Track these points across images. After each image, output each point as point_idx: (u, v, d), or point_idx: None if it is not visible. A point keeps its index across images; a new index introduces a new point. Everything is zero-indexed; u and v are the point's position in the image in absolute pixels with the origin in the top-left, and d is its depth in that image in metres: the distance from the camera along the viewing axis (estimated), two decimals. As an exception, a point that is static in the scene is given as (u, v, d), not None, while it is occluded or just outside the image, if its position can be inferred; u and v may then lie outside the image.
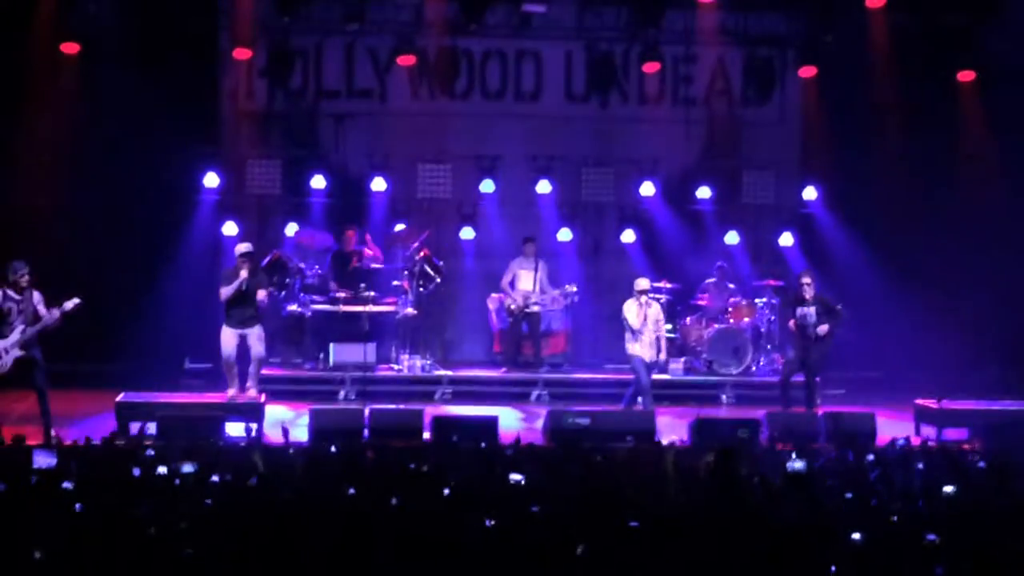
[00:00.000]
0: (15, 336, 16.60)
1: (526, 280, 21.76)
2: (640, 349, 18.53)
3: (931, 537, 10.08)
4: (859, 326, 21.56)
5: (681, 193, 23.10)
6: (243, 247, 18.69)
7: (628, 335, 18.63)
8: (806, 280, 19.02)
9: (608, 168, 22.74)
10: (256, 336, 18.57)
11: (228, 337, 18.48)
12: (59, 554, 9.64)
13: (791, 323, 19.11)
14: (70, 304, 16.58)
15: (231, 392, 18.55)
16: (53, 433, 16.32)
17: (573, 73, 23.28)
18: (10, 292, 16.64)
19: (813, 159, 23.24)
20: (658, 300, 19.57)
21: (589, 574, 9.79)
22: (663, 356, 18.93)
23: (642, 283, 18.73)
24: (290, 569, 9.79)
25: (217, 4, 22.00)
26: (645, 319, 18.50)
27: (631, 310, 18.55)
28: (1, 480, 11.59)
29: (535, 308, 21.65)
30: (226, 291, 18.41)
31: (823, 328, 18.67)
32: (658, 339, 18.72)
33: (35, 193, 21.09)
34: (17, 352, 16.61)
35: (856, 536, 10.16)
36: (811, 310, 18.83)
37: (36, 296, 16.69)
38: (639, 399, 18.81)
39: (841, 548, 10.01)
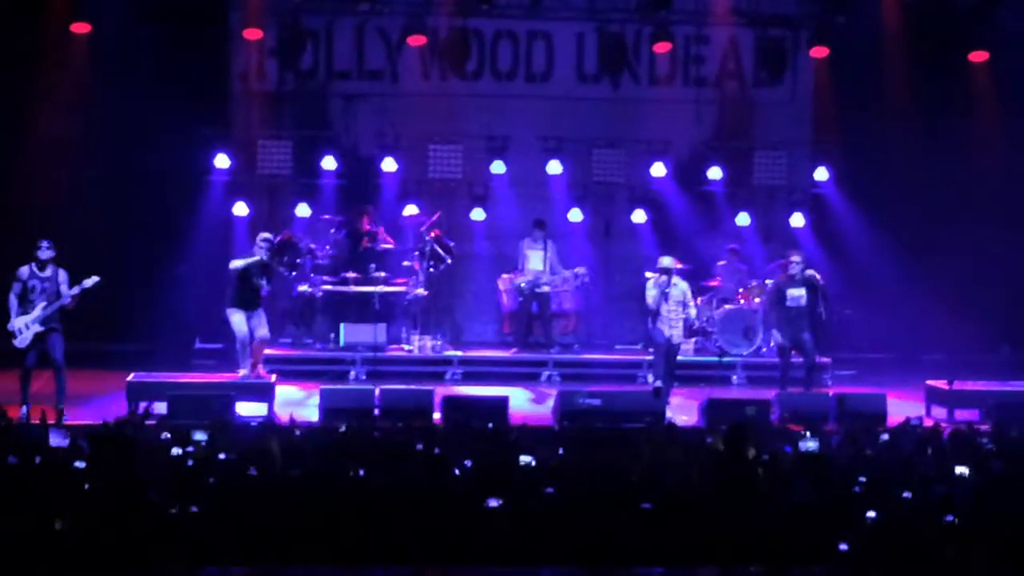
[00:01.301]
0: (37, 312, 16.87)
1: (536, 260, 21.76)
2: (661, 326, 18.33)
3: (949, 518, 10.07)
4: (870, 307, 21.59)
5: (692, 174, 23.07)
6: (266, 234, 18.89)
7: (649, 315, 18.42)
8: (795, 258, 18.88)
9: (619, 149, 22.70)
10: (261, 318, 18.64)
11: (240, 318, 18.52)
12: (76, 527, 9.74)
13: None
14: (89, 282, 16.87)
15: (243, 371, 18.58)
16: (24, 410, 16.55)
17: (584, 54, 23.24)
18: (36, 269, 16.98)
19: (825, 140, 23.19)
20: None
21: (599, 554, 9.81)
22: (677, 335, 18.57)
23: (664, 261, 18.43)
24: (300, 546, 9.83)
25: (228, -17, 22.00)
26: (666, 298, 18.25)
27: (651, 288, 18.28)
28: (16, 456, 11.64)
29: (545, 288, 21.63)
30: (238, 262, 18.52)
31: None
32: (685, 320, 18.50)
33: (47, 174, 21.12)
34: (38, 328, 16.87)
35: (870, 514, 10.16)
36: (801, 291, 18.71)
37: (62, 275, 17.03)
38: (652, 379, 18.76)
39: (853, 526, 10.01)
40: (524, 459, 12.43)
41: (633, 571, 10.06)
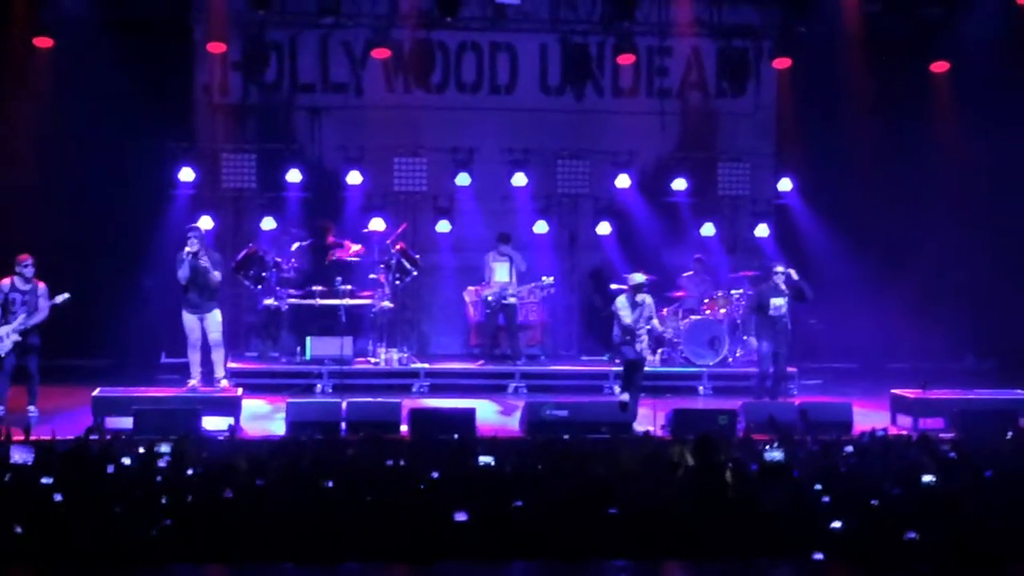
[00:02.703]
0: (15, 324, 17.56)
1: (502, 272, 21.74)
2: (635, 343, 18.22)
3: (911, 535, 10.12)
4: (835, 317, 21.68)
5: (656, 185, 23.13)
6: (193, 224, 19.01)
7: (619, 331, 18.12)
8: (779, 270, 19.05)
9: (583, 160, 22.73)
10: (213, 321, 18.61)
11: (190, 322, 18.58)
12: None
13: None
14: (59, 298, 17.67)
15: (192, 383, 18.57)
16: (32, 408, 17.57)
17: (548, 65, 23.29)
18: (17, 282, 17.68)
19: (788, 150, 23.30)
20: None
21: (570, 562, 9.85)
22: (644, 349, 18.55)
23: (638, 277, 18.23)
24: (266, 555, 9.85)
25: (191, -3, 21.96)
26: (639, 316, 18.14)
27: (625, 306, 18.13)
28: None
29: (512, 300, 21.64)
30: (182, 272, 18.47)
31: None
32: (650, 332, 18.46)
33: (8, 187, 20.99)
34: (16, 338, 17.59)
35: (836, 524, 10.21)
36: (783, 301, 18.88)
37: (41, 287, 17.78)
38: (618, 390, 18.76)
39: (821, 535, 10.06)
40: (484, 459, 12.47)
41: (597, 565, 10.12)
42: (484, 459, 12.59)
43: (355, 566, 10.15)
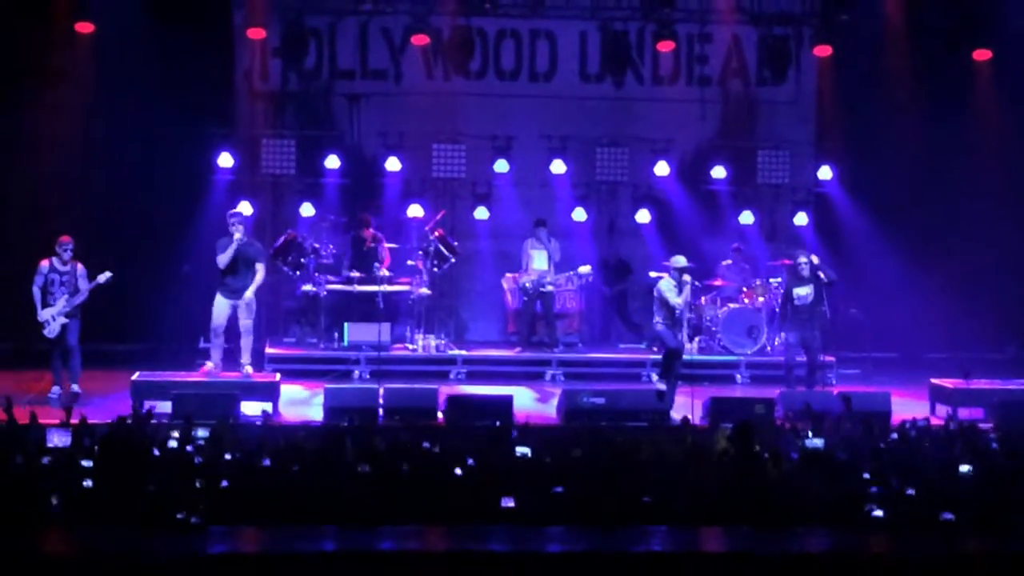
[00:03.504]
0: (61, 304, 17.79)
1: (540, 260, 21.70)
2: (672, 328, 18.12)
3: (947, 516, 10.09)
4: (875, 306, 21.55)
5: (696, 173, 23.06)
6: (235, 210, 19.01)
7: (663, 316, 18.09)
8: (802, 259, 18.97)
9: (623, 148, 22.67)
10: (246, 306, 18.62)
11: (220, 306, 18.64)
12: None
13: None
14: (102, 278, 17.82)
15: (210, 365, 18.61)
16: (75, 388, 17.79)
17: (588, 53, 23.23)
18: (56, 263, 17.89)
19: (828, 138, 23.17)
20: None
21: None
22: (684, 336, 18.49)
23: (681, 260, 18.15)
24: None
25: (231, -17, 21.99)
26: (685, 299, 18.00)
27: (671, 288, 18.04)
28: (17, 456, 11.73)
29: (549, 288, 21.61)
30: (223, 257, 18.52)
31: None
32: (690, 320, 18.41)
33: (51, 173, 21.12)
34: (64, 320, 17.86)
35: (877, 512, 10.18)
36: (807, 290, 18.79)
37: (80, 269, 18.00)
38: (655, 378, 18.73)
39: (859, 522, 10.03)
40: (520, 450, 12.50)
41: (635, 529, 10.14)
42: (521, 450, 12.60)
43: (393, 528, 10.23)
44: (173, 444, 12.86)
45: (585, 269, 21.71)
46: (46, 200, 20.97)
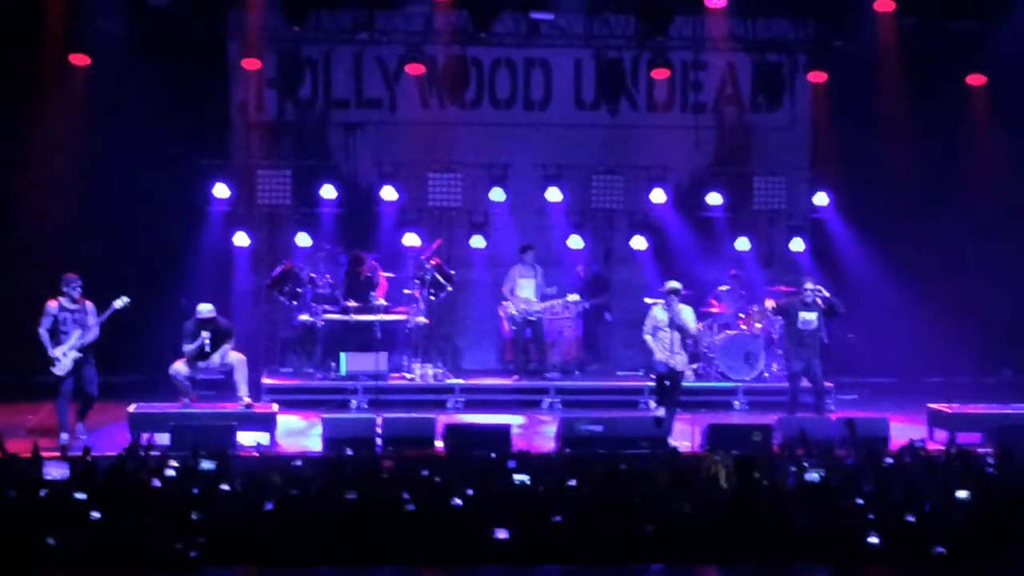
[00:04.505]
0: (73, 340, 17.51)
1: (527, 288, 21.73)
2: (664, 356, 18.12)
3: (939, 549, 10.06)
4: (871, 332, 21.56)
5: (692, 200, 23.08)
6: (205, 309, 18.80)
7: (656, 342, 18.10)
8: (808, 286, 19.02)
9: (618, 175, 22.71)
10: (228, 352, 18.72)
11: (181, 366, 18.66)
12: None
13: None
14: (119, 303, 17.72)
15: (184, 400, 18.58)
16: (83, 437, 17.33)
17: (582, 81, 23.28)
18: (65, 303, 17.58)
19: (824, 164, 23.20)
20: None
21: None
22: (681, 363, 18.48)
23: (674, 284, 18.19)
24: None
25: (226, 15, 21.99)
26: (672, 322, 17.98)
27: (663, 315, 18.07)
28: (13, 489, 11.69)
29: (537, 314, 21.63)
30: (188, 349, 18.62)
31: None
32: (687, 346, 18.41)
33: (46, 205, 21.09)
34: (76, 355, 17.55)
35: (873, 539, 10.16)
36: (812, 316, 18.83)
37: (90, 306, 17.70)
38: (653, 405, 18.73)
39: (857, 550, 10.01)
40: (519, 478, 12.47)
41: (632, 568, 10.09)
42: (519, 477, 12.58)
43: (389, 569, 10.17)
44: (171, 473, 12.82)
45: (574, 297, 21.73)
46: (41, 232, 20.96)
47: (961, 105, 22.53)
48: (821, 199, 22.91)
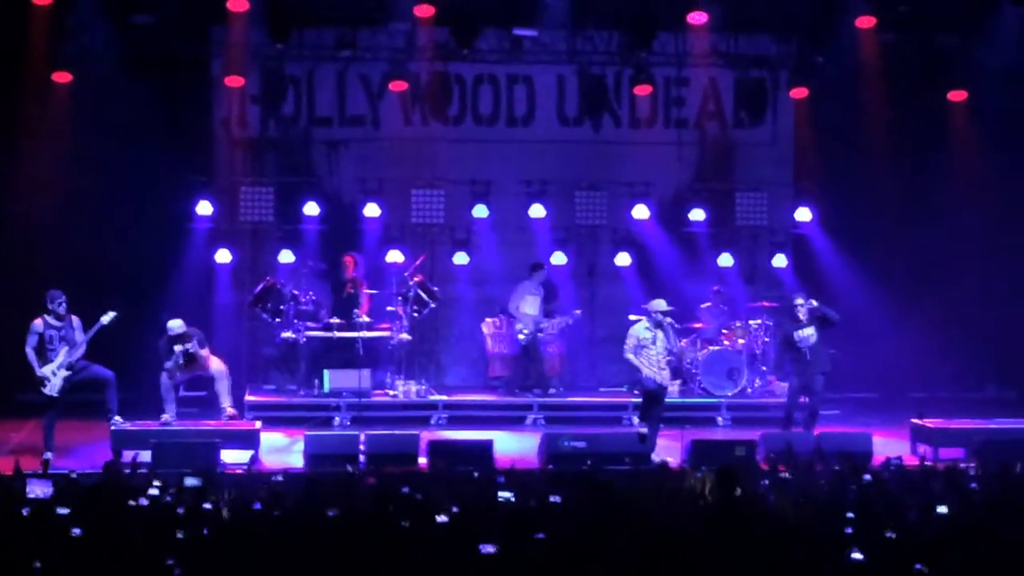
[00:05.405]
0: (61, 358, 17.43)
1: (533, 305, 21.66)
2: (652, 373, 18.06)
3: (918, 567, 10.06)
4: (855, 346, 21.58)
5: (674, 215, 23.13)
6: (175, 325, 18.97)
7: (640, 359, 17.91)
8: (799, 302, 19.00)
9: (601, 191, 22.74)
10: (207, 360, 18.90)
11: (166, 379, 18.87)
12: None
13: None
14: (106, 319, 17.70)
15: (166, 417, 18.64)
16: (48, 455, 16.94)
17: (565, 97, 23.32)
18: (50, 320, 17.51)
19: (806, 180, 23.26)
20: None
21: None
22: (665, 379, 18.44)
23: (661, 304, 18.01)
24: None
25: (209, 31, 21.99)
26: (655, 340, 17.91)
27: (646, 333, 17.93)
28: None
29: (542, 332, 21.66)
30: (169, 367, 18.84)
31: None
32: (670, 362, 18.41)
33: (27, 221, 21.06)
34: (66, 373, 17.49)
35: (857, 555, 10.15)
36: (809, 332, 18.81)
37: (76, 321, 17.68)
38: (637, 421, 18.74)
39: (840, 566, 10.00)
40: (503, 495, 12.45)
41: None
42: (504, 494, 12.57)
43: None
44: (154, 492, 12.79)
45: (578, 312, 21.83)
46: (23, 249, 20.91)
47: (942, 120, 22.61)
48: (804, 215, 22.97)
